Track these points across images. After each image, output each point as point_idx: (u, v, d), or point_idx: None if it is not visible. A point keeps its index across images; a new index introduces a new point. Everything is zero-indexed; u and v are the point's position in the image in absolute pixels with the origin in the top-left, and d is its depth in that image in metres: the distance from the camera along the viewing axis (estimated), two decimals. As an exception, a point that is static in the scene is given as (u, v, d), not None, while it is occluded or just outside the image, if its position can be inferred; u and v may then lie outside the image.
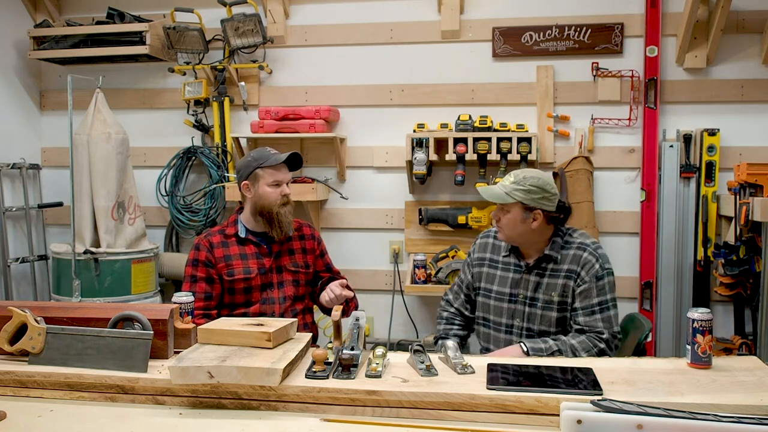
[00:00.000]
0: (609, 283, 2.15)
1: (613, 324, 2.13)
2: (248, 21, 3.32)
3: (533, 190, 2.11)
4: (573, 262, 2.16)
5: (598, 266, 2.14)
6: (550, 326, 2.18)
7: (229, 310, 2.38)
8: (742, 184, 2.88)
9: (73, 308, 1.77)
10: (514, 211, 2.14)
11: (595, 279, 2.13)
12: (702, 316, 1.65)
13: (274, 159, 2.38)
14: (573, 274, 2.15)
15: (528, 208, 2.13)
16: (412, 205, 3.43)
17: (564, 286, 2.16)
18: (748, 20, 3.12)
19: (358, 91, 3.46)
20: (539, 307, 2.19)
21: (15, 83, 3.63)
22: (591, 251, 2.16)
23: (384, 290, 3.48)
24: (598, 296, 2.13)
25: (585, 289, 2.14)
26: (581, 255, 2.16)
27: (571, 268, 2.16)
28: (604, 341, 2.10)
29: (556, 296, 2.16)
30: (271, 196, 2.37)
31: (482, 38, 3.34)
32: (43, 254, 3.68)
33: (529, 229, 2.15)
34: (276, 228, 2.38)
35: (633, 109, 3.22)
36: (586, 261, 2.15)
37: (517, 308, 2.22)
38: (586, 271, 2.14)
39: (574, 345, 2.09)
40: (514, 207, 2.14)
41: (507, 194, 2.12)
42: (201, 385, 1.51)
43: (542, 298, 2.18)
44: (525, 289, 2.21)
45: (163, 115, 3.65)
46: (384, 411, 1.46)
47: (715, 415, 1.24)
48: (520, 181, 2.13)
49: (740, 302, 3.08)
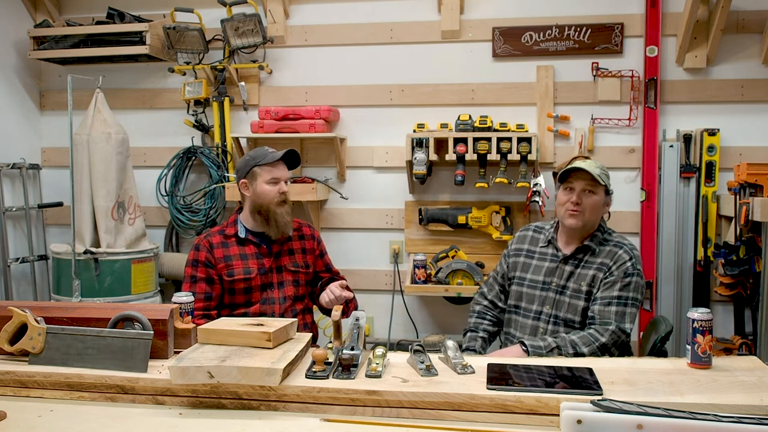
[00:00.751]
0: (635, 283, 2.17)
1: (626, 320, 2.13)
2: (248, 21, 3.32)
3: (608, 175, 2.23)
4: (607, 257, 2.20)
5: (630, 264, 2.17)
6: (575, 315, 2.20)
7: (229, 310, 2.38)
8: (742, 184, 2.88)
9: (73, 308, 1.76)
10: (600, 194, 2.20)
11: (623, 275, 2.16)
12: (702, 316, 1.65)
13: (272, 156, 2.38)
14: (604, 267, 2.19)
15: (608, 193, 2.23)
16: (412, 205, 3.43)
17: (594, 277, 2.19)
18: (748, 20, 3.12)
19: (358, 91, 3.46)
20: (568, 296, 2.22)
21: (15, 83, 3.63)
22: (627, 250, 2.21)
23: (384, 290, 3.48)
24: (620, 290, 2.15)
25: (610, 281, 2.17)
26: (617, 252, 2.20)
27: (604, 262, 2.20)
28: (609, 332, 2.09)
29: (584, 286, 2.19)
30: (268, 194, 2.37)
31: (482, 38, 3.34)
32: (43, 254, 3.68)
33: (601, 215, 2.24)
34: (273, 227, 2.38)
35: (633, 109, 3.22)
36: (620, 257, 2.18)
37: (548, 296, 2.25)
38: (617, 266, 2.18)
39: (574, 340, 2.09)
40: (601, 190, 2.20)
41: (599, 175, 2.17)
42: (201, 385, 1.51)
43: (572, 287, 2.21)
44: (559, 278, 2.25)
45: (163, 115, 3.65)
46: (384, 411, 1.46)
47: (715, 415, 1.24)
48: (600, 165, 2.22)
49: (740, 302, 3.08)
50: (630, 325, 2.15)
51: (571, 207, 2.19)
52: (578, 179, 2.19)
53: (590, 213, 2.19)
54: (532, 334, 2.25)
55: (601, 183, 2.17)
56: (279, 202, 2.38)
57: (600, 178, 2.16)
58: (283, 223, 2.38)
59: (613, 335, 2.10)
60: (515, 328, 2.32)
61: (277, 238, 2.41)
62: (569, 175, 2.20)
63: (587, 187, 2.18)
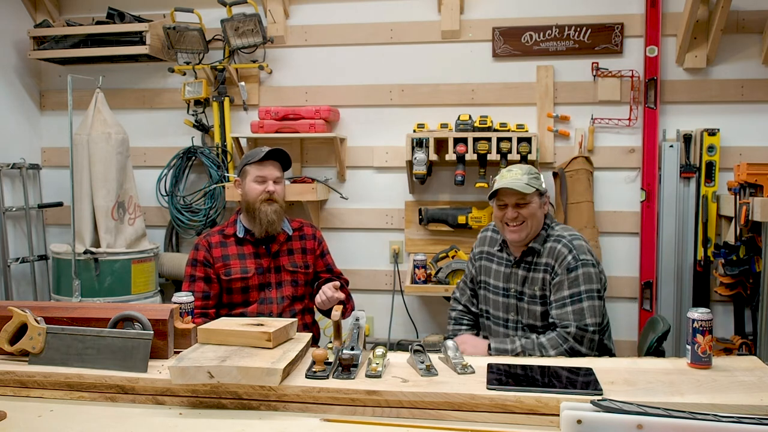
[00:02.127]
0: (584, 274, 2.09)
1: (585, 316, 2.06)
2: (248, 21, 3.32)
3: (537, 176, 2.19)
4: (549, 255, 2.16)
5: (571, 258, 2.11)
6: (536, 320, 2.18)
7: (227, 309, 2.39)
8: (742, 184, 2.88)
9: (73, 308, 1.77)
10: (534, 201, 2.16)
11: (567, 271, 2.11)
12: (702, 316, 1.65)
13: (259, 155, 2.39)
14: (549, 268, 2.16)
15: (541, 194, 2.18)
16: (412, 205, 3.43)
17: (543, 280, 2.16)
18: (748, 20, 3.12)
19: (358, 91, 3.46)
20: (526, 302, 2.20)
21: (15, 83, 3.63)
22: (565, 243, 2.14)
23: (384, 290, 3.48)
24: (569, 288, 2.10)
25: (558, 281, 2.12)
26: (556, 247, 2.15)
27: (548, 262, 2.16)
28: (571, 335, 2.05)
29: (537, 290, 2.17)
30: (254, 192, 2.38)
31: (482, 38, 3.34)
32: (43, 254, 3.68)
33: (542, 216, 2.20)
34: (258, 225, 2.38)
35: (633, 109, 3.22)
36: (560, 253, 2.14)
37: (510, 302, 2.24)
38: (558, 264, 2.13)
39: (542, 343, 2.08)
40: (533, 197, 2.15)
41: (527, 185, 2.13)
42: (201, 385, 1.51)
43: (528, 293, 2.20)
44: (515, 283, 2.23)
45: (163, 115, 3.65)
46: (384, 411, 1.47)
47: (715, 415, 1.24)
48: (527, 171, 2.18)
49: (740, 302, 3.08)
50: (593, 319, 2.07)
51: (511, 224, 2.17)
52: (507, 195, 2.16)
53: (531, 221, 2.16)
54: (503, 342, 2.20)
55: (530, 192, 2.13)
56: (264, 200, 2.37)
57: (527, 188, 2.12)
58: (267, 221, 2.37)
59: (576, 338, 2.06)
60: (490, 334, 2.31)
61: (261, 236, 2.40)
62: (497, 192, 2.18)
63: (519, 201, 2.15)
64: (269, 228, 2.39)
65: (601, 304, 2.13)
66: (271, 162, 2.42)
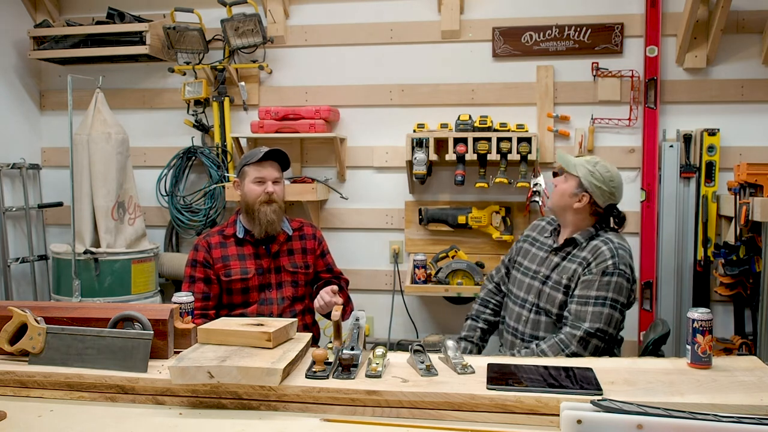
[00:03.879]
0: (616, 283, 2.09)
1: (603, 321, 2.05)
2: (248, 21, 3.32)
3: (596, 176, 2.20)
4: (590, 252, 2.17)
5: (611, 262, 2.10)
6: (553, 306, 2.18)
7: (227, 310, 2.38)
8: (742, 184, 2.88)
9: (73, 308, 1.77)
10: (570, 183, 2.23)
11: (602, 273, 2.10)
12: (702, 316, 1.65)
13: (257, 155, 2.39)
14: (585, 262, 2.16)
15: (581, 186, 2.20)
16: (412, 205, 3.43)
17: (574, 271, 2.17)
18: (748, 20, 3.12)
19: (358, 91, 3.46)
20: (549, 286, 2.21)
21: (15, 83, 3.63)
22: (611, 247, 2.14)
23: (384, 290, 3.48)
24: (598, 290, 2.09)
25: (588, 279, 2.12)
26: (600, 247, 2.15)
27: (586, 257, 2.16)
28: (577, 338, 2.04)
29: (565, 279, 2.18)
30: (253, 193, 2.38)
31: (482, 38, 3.34)
32: (43, 254, 3.68)
33: (571, 206, 2.22)
34: (257, 226, 2.39)
35: (633, 109, 3.22)
36: (601, 253, 2.13)
37: (534, 285, 2.26)
38: (596, 263, 2.13)
39: (544, 350, 2.09)
40: (571, 179, 2.22)
41: (574, 165, 2.22)
42: (201, 385, 1.51)
43: (554, 278, 2.21)
44: (546, 268, 2.25)
45: (163, 115, 3.65)
46: (384, 411, 1.46)
47: (715, 415, 1.24)
48: (591, 162, 2.23)
49: (740, 302, 3.08)
50: (607, 328, 2.06)
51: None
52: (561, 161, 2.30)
53: (556, 197, 2.26)
54: (516, 320, 2.28)
55: (571, 173, 2.22)
56: (264, 201, 2.37)
57: (571, 168, 2.22)
58: (266, 221, 2.37)
59: (582, 341, 2.05)
60: (506, 314, 2.36)
61: (261, 236, 2.40)
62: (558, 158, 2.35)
63: (564, 174, 2.27)
64: (269, 228, 2.38)
65: (619, 319, 2.11)
66: (270, 162, 2.42)
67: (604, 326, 2.06)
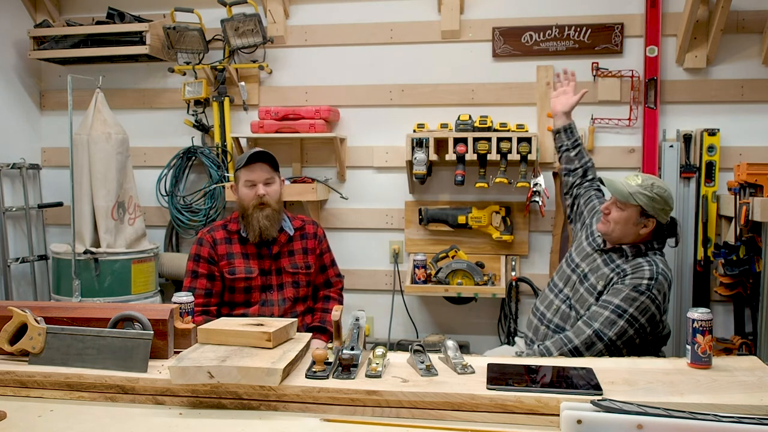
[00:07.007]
0: (643, 303, 2.06)
1: (613, 330, 2.04)
2: (248, 21, 3.32)
3: (657, 199, 2.17)
4: (632, 266, 2.15)
5: (645, 282, 2.08)
6: (582, 308, 2.18)
7: (228, 309, 2.38)
8: (742, 184, 2.88)
9: (73, 308, 1.77)
10: (629, 212, 2.18)
11: (632, 288, 2.08)
12: (702, 316, 1.65)
13: (244, 158, 2.38)
14: (621, 272, 2.15)
15: (644, 214, 2.17)
16: (412, 205, 3.43)
17: (610, 279, 2.16)
18: (748, 20, 3.12)
19: (358, 91, 3.46)
20: (585, 287, 2.22)
21: (15, 83, 3.63)
22: (653, 269, 2.12)
23: (384, 290, 3.48)
24: (622, 300, 2.07)
25: (618, 288, 2.11)
26: (642, 264, 2.14)
27: (625, 268, 2.15)
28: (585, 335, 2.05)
29: (600, 285, 2.18)
30: (246, 197, 2.37)
31: (482, 38, 3.34)
32: (43, 254, 3.68)
33: (637, 233, 2.19)
34: (250, 230, 2.36)
35: (633, 109, 3.22)
36: (640, 270, 2.12)
37: (572, 278, 2.28)
38: (631, 276, 2.11)
39: (547, 346, 2.11)
40: (630, 208, 2.17)
41: (630, 194, 2.16)
42: (201, 385, 1.51)
43: (591, 281, 2.21)
44: (587, 266, 2.27)
45: (163, 115, 3.65)
46: (384, 411, 1.46)
47: (715, 415, 1.24)
48: (648, 187, 2.18)
49: (740, 302, 3.08)
50: (616, 339, 2.04)
51: (603, 215, 2.25)
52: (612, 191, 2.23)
53: (616, 226, 2.20)
54: (547, 307, 2.30)
55: (631, 203, 2.16)
56: (256, 205, 2.35)
57: (629, 198, 2.15)
58: (259, 228, 2.35)
59: (588, 339, 2.05)
60: (540, 298, 2.39)
61: (255, 241, 2.39)
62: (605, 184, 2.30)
63: (617, 202, 2.21)
64: (263, 233, 2.37)
65: (632, 337, 2.07)
66: (259, 164, 2.38)
67: (612, 335, 2.05)
